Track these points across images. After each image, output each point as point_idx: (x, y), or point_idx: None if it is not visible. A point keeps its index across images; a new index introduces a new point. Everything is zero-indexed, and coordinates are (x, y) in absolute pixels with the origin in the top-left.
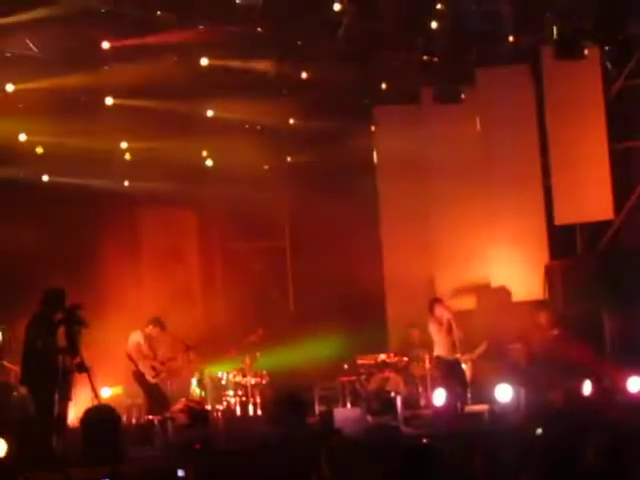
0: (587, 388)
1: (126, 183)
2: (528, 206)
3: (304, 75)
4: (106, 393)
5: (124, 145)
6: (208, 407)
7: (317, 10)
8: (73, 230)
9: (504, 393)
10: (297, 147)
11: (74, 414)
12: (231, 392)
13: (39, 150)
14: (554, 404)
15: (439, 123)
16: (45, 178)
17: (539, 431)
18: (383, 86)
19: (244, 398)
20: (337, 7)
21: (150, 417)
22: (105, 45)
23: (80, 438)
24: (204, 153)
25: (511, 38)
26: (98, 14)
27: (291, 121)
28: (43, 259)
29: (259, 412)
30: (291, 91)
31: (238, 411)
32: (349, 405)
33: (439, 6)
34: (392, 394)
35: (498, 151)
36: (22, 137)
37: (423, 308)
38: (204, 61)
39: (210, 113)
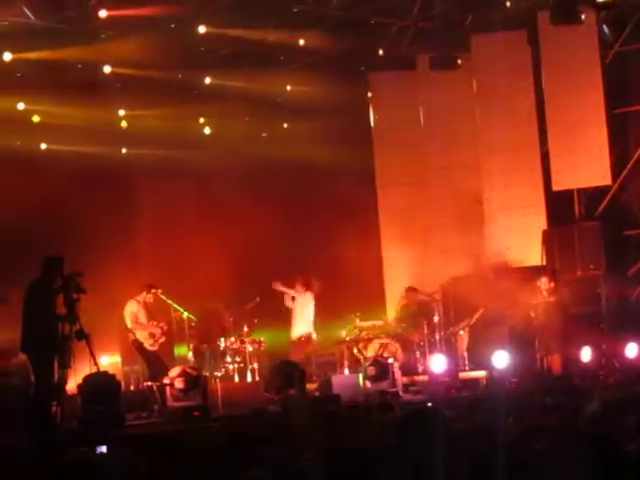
0: (586, 354)
1: (124, 151)
2: (525, 172)
3: (301, 42)
4: (105, 361)
5: (121, 113)
6: (205, 373)
7: None
8: (71, 198)
9: (501, 359)
10: (294, 114)
11: (73, 381)
12: (229, 359)
13: (36, 119)
14: (552, 370)
15: (435, 89)
16: (43, 146)
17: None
18: (380, 52)
19: (242, 365)
20: None
21: (148, 383)
22: (102, 14)
23: (79, 405)
24: (201, 121)
25: (508, 4)
26: None
27: (288, 88)
28: (41, 227)
29: (257, 378)
30: (288, 58)
31: (236, 378)
32: (347, 372)
33: None
34: (390, 360)
35: (495, 117)
36: (20, 106)
37: (419, 275)
38: (202, 29)
39: (208, 81)
